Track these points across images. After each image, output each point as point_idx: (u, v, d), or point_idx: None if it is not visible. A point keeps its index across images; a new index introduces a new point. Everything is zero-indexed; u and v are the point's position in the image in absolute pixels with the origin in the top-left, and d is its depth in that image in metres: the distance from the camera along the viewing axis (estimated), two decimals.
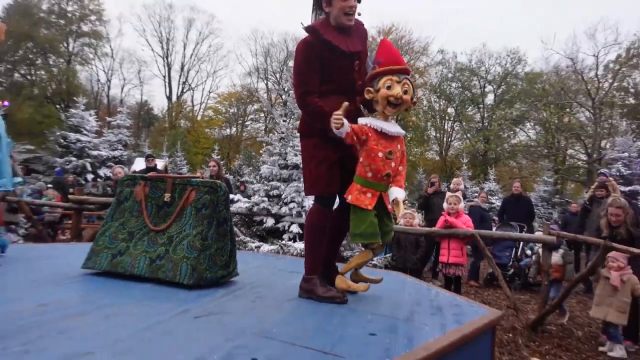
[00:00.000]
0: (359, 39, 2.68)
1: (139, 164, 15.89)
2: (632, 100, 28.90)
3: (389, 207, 2.55)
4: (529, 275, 7.42)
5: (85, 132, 17.18)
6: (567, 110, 30.44)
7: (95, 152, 16.93)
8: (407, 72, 2.52)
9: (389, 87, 2.41)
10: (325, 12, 2.62)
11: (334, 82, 2.59)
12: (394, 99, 2.41)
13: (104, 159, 17.16)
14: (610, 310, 4.49)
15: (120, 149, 18.21)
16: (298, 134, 2.77)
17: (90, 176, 16.12)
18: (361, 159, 2.47)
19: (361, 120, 2.50)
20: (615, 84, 28.93)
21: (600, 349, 4.58)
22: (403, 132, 2.62)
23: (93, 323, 1.80)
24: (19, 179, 3.50)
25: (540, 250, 5.76)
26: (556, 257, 6.00)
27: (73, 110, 18.04)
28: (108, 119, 20.76)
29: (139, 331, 1.72)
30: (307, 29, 2.58)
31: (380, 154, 2.42)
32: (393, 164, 2.49)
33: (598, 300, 4.63)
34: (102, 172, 16.73)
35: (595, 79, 28.98)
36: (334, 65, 2.55)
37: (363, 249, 2.66)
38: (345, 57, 2.57)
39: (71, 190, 10.27)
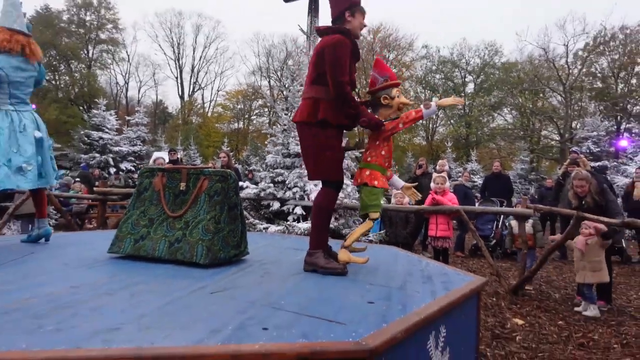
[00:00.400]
0: (358, 51, 2.87)
1: (156, 157, 15.82)
2: (599, 84, 28.68)
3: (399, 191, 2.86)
4: (504, 246, 7.43)
5: (106, 130, 17.13)
6: (541, 95, 30.25)
7: (116, 148, 16.91)
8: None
9: (398, 97, 2.76)
10: (343, 20, 2.73)
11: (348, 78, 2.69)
12: (403, 105, 2.78)
13: (125, 154, 17.14)
14: (586, 273, 4.49)
15: (139, 145, 18.19)
16: (310, 123, 2.65)
17: (112, 170, 16.10)
18: (383, 152, 2.73)
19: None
20: (584, 70, 28.70)
21: (576, 309, 4.60)
22: None
23: (120, 301, 1.81)
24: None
25: (513, 223, 5.78)
26: (527, 227, 6.01)
27: (95, 111, 17.96)
28: (127, 117, 20.66)
29: (161, 306, 1.73)
30: (340, 30, 2.68)
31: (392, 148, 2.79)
32: None
33: (576, 267, 4.65)
34: (124, 165, 16.72)
35: (566, 66, 28.77)
36: (351, 64, 2.71)
37: (362, 222, 2.83)
38: (356, 60, 2.82)
39: (96, 183, 10.27)
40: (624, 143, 16.67)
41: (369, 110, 2.76)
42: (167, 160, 9.22)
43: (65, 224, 7.36)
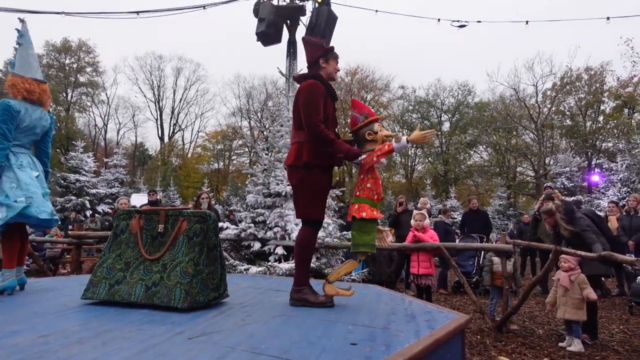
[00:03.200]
0: (334, 92, 3.03)
1: (136, 199, 15.60)
2: (569, 122, 29.80)
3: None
4: (483, 283, 7.23)
5: (84, 172, 16.86)
6: (514, 133, 31.18)
7: (93, 190, 16.60)
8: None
9: (380, 130, 2.86)
10: (317, 66, 2.93)
11: (325, 119, 2.82)
12: (387, 138, 2.84)
13: (102, 196, 16.83)
14: (567, 309, 4.50)
15: (117, 186, 17.92)
16: (297, 166, 2.82)
17: (89, 212, 15.74)
18: (369, 185, 2.78)
19: (364, 156, 2.81)
20: (554, 109, 29.83)
21: (560, 344, 4.57)
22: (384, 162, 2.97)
23: (92, 349, 1.72)
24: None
25: (495, 259, 5.77)
26: (509, 266, 6.01)
27: (72, 153, 17.72)
28: (105, 159, 20.43)
29: (135, 354, 1.65)
30: (311, 75, 2.90)
31: (380, 182, 2.82)
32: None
33: (557, 302, 4.65)
34: (101, 208, 16.37)
35: (536, 104, 29.87)
36: (327, 105, 2.85)
37: (344, 260, 2.81)
38: (333, 101, 2.95)
39: (70, 227, 10.00)
40: (595, 178, 17.18)
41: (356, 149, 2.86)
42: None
43: (37, 269, 7.08)
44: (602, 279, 7.77)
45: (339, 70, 3.02)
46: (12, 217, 2.98)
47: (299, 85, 2.94)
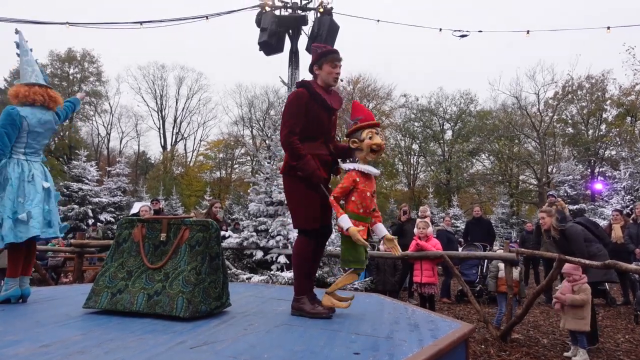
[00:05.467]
0: (337, 100, 2.94)
1: (137, 208, 15.58)
2: (571, 130, 29.79)
3: (381, 243, 2.79)
4: (488, 289, 7.14)
5: (86, 181, 16.89)
6: (516, 141, 31.16)
7: (96, 199, 16.62)
8: (379, 125, 2.81)
9: (370, 138, 2.66)
10: (314, 74, 2.89)
11: (314, 129, 2.78)
12: (376, 147, 2.66)
13: (105, 205, 16.85)
14: (568, 319, 4.47)
15: (120, 195, 17.93)
16: (284, 174, 2.84)
17: (91, 221, 15.74)
18: (353, 198, 2.64)
19: (348, 166, 2.71)
20: (555, 117, 29.83)
21: (565, 354, 4.53)
22: (378, 171, 2.82)
23: (93, 359, 1.71)
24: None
25: (500, 265, 5.77)
26: (515, 273, 5.99)
27: (75, 162, 17.78)
28: (108, 168, 20.49)
29: None
30: (300, 83, 2.85)
31: (367, 193, 2.65)
32: (375, 200, 2.76)
33: (562, 313, 4.63)
34: (103, 217, 16.38)
35: (538, 113, 29.88)
36: (316, 114, 2.77)
37: (345, 271, 2.77)
38: (326, 110, 2.83)
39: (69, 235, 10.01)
40: (599, 186, 17.12)
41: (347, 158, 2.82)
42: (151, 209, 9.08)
43: (39, 279, 7.08)
44: (607, 287, 7.72)
45: (337, 74, 2.87)
46: (23, 234, 3.00)
47: None
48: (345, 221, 2.55)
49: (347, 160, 2.84)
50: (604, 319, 6.46)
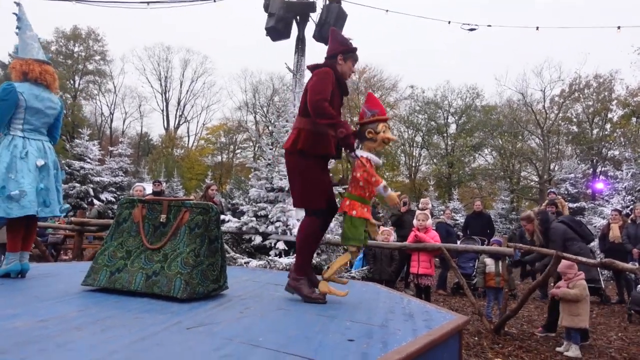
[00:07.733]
0: (346, 87, 3.06)
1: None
2: (575, 129, 29.64)
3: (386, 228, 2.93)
4: (476, 284, 7.08)
5: (88, 160, 16.91)
6: (520, 137, 31.03)
7: (97, 178, 16.65)
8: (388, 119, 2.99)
9: (384, 132, 2.82)
10: (334, 60, 2.95)
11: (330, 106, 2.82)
12: (388, 140, 2.84)
13: (106, 184, 16.89)
14: (564, 315, 4.51)
15: (121, 175, 17.96)
16: (291, 152, 2.82)
17: (94, 200, 15.79)
18: (361, 183, 2.76)
19: (362, 153, 2.82)
20: (560, 115, 29.68)
21: (557, 349, 4.57)
22: (381, 163, 2.82)
23: (90, 336, 1.73)
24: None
25: (487, 261, 5.88)
26: (500, 267, 6.01)
27: (78, 141, 17.76)
28: (110, 148, 20.49)
29: (133, 342, 1.66)
30: (326, 63, 2.93)
31: (373, 179, 2.75)
32: None
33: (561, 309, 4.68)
34: (104, 196, 16.43)
35: (543, 110, 29.72)
36: (335, 95, 2.83)
37: (341, 253, 2.81)
38: (342, 93, 2.98)
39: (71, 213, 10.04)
40: (600, 185, 17.09)
41: (355, 141, 2.84)
42: (147, 190, 9.10)
43: (39, 255, 7.13)
44: (602, 285, 7.75)
45: (353, 72, 3.03)
46: (13, 211, 2.99)
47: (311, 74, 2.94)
48: (389, 192, 2.72)
49: (359, 147, 2.89)
50: (597, 316, 6.51)
